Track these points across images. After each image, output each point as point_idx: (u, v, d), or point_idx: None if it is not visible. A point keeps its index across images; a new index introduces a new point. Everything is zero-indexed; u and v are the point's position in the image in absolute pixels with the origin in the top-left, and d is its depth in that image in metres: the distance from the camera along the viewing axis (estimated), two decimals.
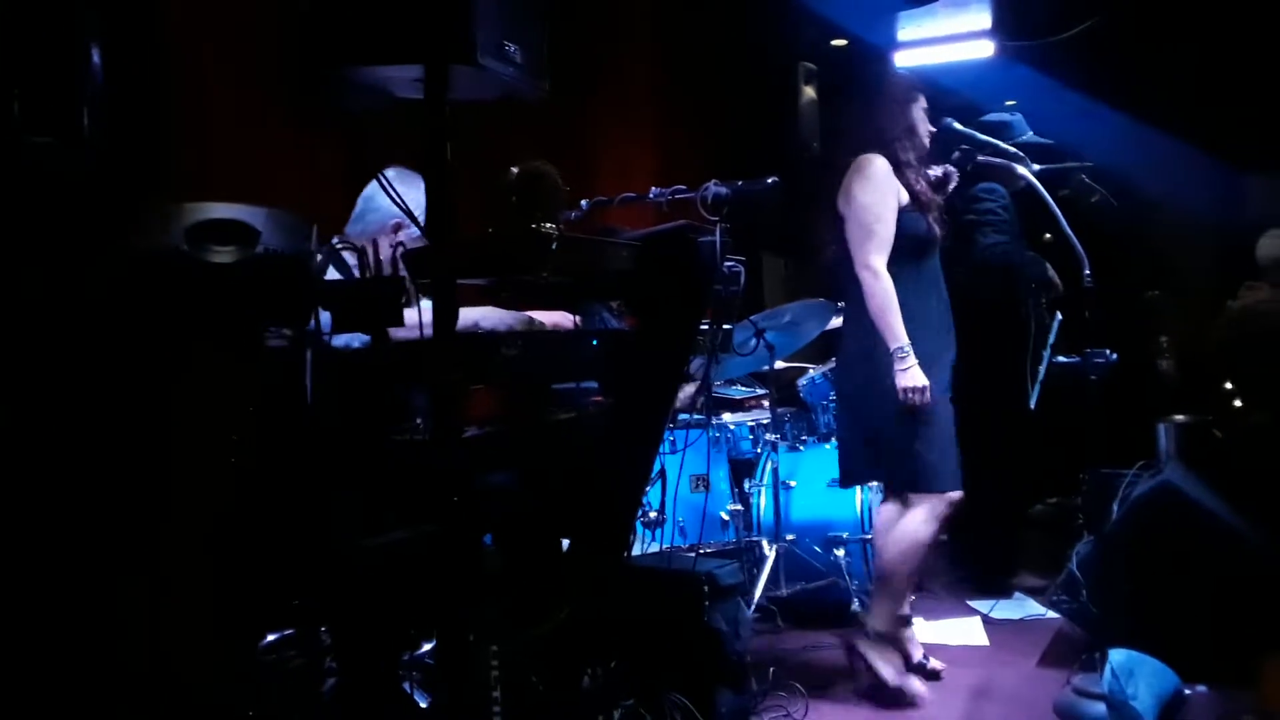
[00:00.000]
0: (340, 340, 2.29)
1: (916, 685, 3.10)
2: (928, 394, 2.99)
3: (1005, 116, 4.13)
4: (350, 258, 2.64)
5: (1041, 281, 4.19)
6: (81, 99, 2.15)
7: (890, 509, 3.24)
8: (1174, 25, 5.26)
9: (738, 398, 4.70)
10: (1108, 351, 3.36)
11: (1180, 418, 3.83)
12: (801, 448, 4.33)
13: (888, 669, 3.09)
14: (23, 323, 2.05)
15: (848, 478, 3.39)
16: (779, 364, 4.28)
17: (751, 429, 4.42)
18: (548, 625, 2.30)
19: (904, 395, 2.98)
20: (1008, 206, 4.13)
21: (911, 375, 2.98)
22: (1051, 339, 4.15)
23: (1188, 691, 2.92)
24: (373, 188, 2.84)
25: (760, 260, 6.22)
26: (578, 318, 2.75)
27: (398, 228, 2.79)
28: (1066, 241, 3.33)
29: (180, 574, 2.43)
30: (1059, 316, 4.16)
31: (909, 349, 2.98)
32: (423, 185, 2.45)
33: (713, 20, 5.72)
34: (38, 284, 2.07)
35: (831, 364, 4.38)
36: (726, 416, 4.39)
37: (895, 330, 2.99)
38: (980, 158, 3.94)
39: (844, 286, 3.21)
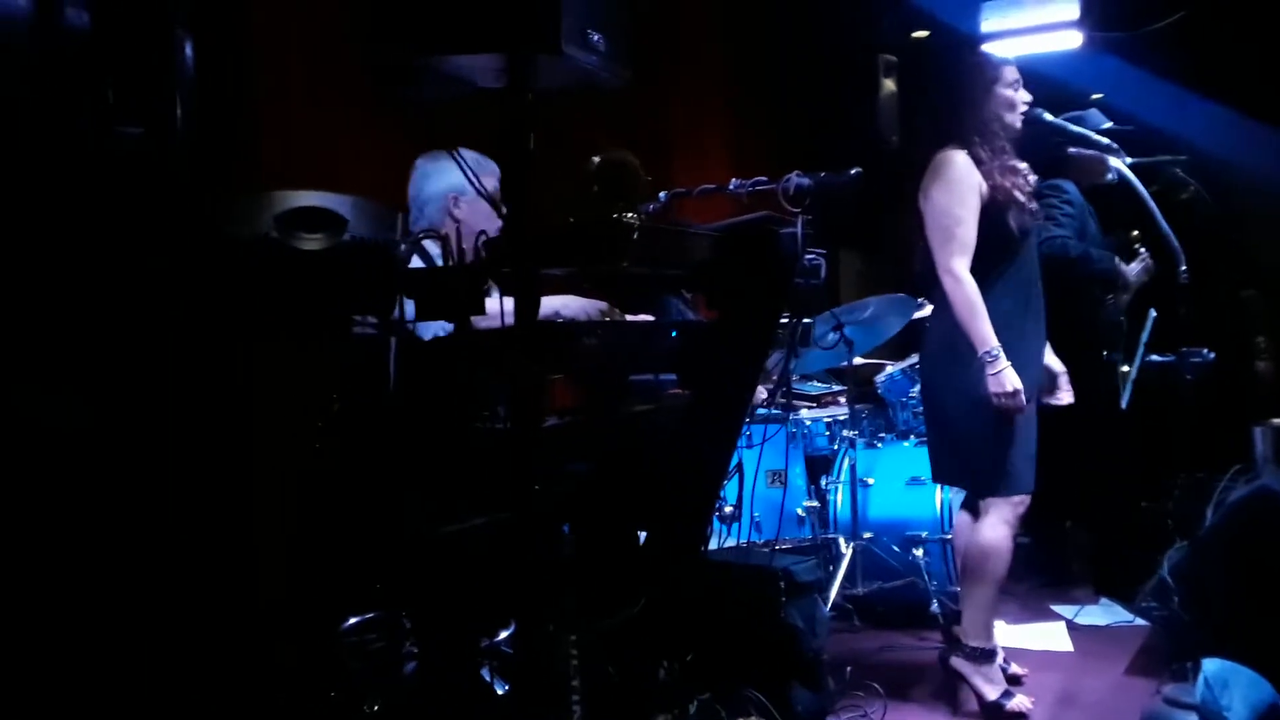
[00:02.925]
0: (430, 330, 2.31)
1: (1021, 701, 2.99)
2: (1020, 398, 2.86)
3: (1080, 113, 4.01)
4: (432, 247, 2.67)
5: (1105, 277, 4.05)
6: (174, 91, 2.19)
7: (967, 515, 3.18)
8: (1271, 12, 5.06)
9: (815, 393, 4.66)
10: (1205, 350, 3.23)
11: (1278, 421, 3.68)
12: (879, 445, 4.27)
13: (988, 686, 2.99)
14: (117, 310, 2.10)
15: (937, 475, 3.33)
16: (857, 360, 4.23)
17: (828, 425, 4.37)
18: (624, 616, 2.29)
19: (997, 400, 2.86)
20: (1072, 202, 4.02)
21: (1002, 379, 2.85)
22: (1145, 337, 4.02)
23: None
24: (416, 174, 2.87)
25: (838, 256, 6.15)
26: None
27: (455, 201, 2.83)
28: (1162, 236, 3.22)
29: (265, 556, 2.48)
30: (1153, 313, 4.03)
31: (998, 351, 2.85)
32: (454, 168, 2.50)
33: (793, 10, 5.67)
34: (131, 272, 2.12)
35: (911, 360, 4.32)
36: (804, 412, 4.35)
37: (983, 334, 2.87)
38: (1071, 150, 3.85)
39: (929, 286, 3.12)
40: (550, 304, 2.45)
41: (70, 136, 2.03)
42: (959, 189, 2.95)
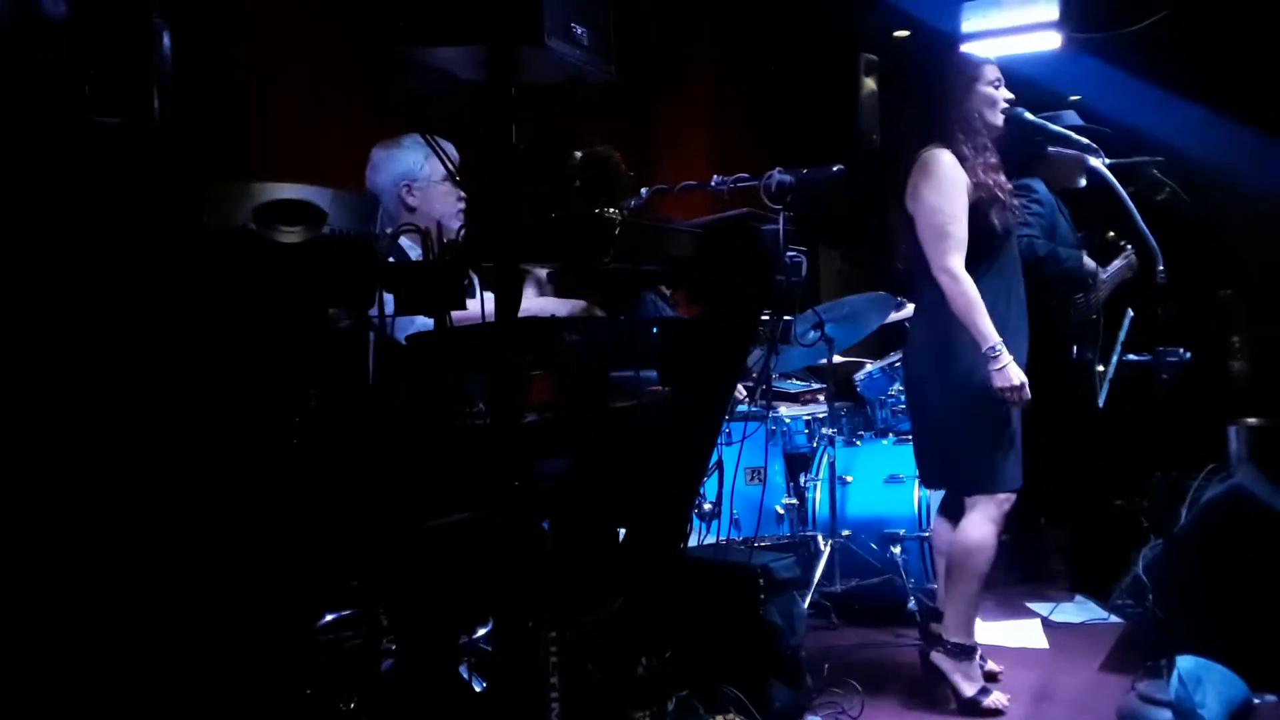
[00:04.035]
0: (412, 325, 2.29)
1: (998, 698, 3.01)
2: (1026, 390, 2.89)
3: (1056, 114, 4.03)
4: (407, 242, 2.66)
5: (1074, 276, 4.06)
6: (151, 81, 2.16)
7: (945, 519, 3.19)
8: (1251, 13, 5.10)
9: (794, 391, 4.66)
10: (1181, 350, 3.26)
11: (1252, 420, 3.71)
12: (858, 442, 4.28)
13: (966, 682, 3.01)
14: (92, 302, 2.08)
15: (926, 480, 3.37)
16: (836, 358, 4.23)
17: (807, 423, 4.37)
18: (603, 613, 2.29)
19: (1003, 395, 2.88)
20: (1041, 201, 4.04)
21: (1008, 374, 2.87)
22: (1122, 336, 4.05)
23: (1257, 700, 2.84)
24: (369, 167, 2.86)
25: (817, 254, 6.16)
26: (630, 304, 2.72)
27: (408, 189, 2.81)
28: (1139, 237, 3.24)
29: (241, 553, 2.45)
30: (1130, 313, 4.05)
31: (1001, 347, 2.87)
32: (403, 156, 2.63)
33: (775, 9, 5.67)
34: (107, 264, 2.09)
35: (890, 359, 4.33)
36: (783, 410, 4.35)
37: (984, 330, 2.88)
38: (1051, 149, 3.87)
39: (915, 285, 3.12)
40: (529, 307, 2.44)
41: (47, 127, 2.00)
42: (948, 186, 2.96)
